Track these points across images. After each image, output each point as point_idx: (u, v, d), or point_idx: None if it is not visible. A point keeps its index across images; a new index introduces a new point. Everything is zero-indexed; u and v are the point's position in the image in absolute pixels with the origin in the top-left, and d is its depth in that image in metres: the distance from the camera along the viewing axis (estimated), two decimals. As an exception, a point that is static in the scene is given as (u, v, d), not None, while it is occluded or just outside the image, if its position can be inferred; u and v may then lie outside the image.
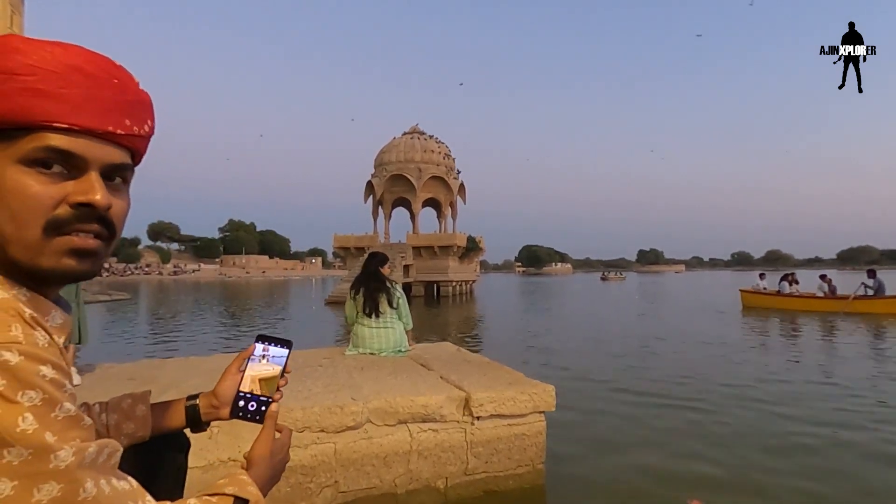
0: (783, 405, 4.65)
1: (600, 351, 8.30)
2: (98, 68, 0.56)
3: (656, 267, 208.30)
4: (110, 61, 0.59)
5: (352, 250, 33.91)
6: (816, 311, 14.17)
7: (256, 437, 0.79)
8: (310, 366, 3.45)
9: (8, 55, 0.52)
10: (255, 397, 0.81)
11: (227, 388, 0.81)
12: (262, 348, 0.83)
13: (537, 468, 2.79)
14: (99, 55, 0.58)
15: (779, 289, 16.03)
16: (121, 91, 0.57)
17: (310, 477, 2.40)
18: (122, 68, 0.60)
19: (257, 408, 0.81)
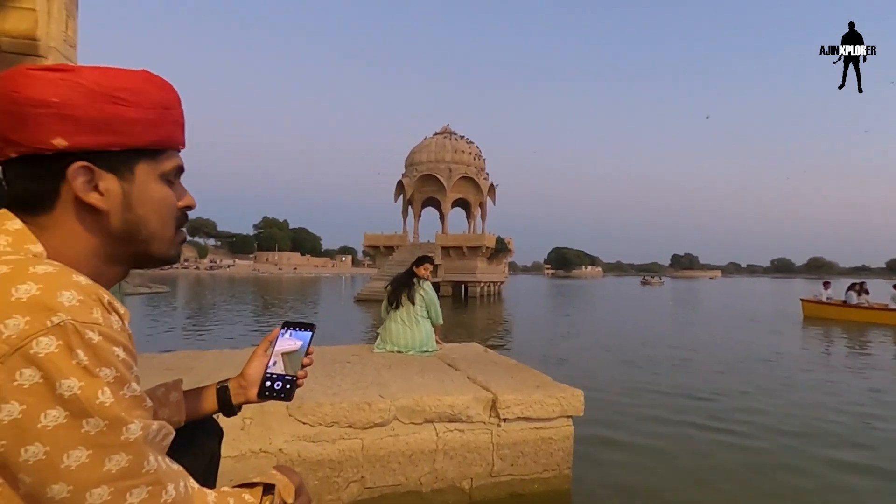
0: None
1: (637, 359, 8.10)
2: (177, 95, 0.68)
3: (690, 272, 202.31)
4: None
5: (381, 249, 34.26)
6: (890, 324, 12.69)
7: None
8: (339, 362, 3.51)
9: (165, 92, 0.63)
10: (281, 377, 0.84)
11: (255, 370, 0.85)
12: (287, 333, 0.87)
13: (564, 473, 2.75)
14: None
15: (845, 299, 14.66)
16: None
17: (337, 471, 2.44)
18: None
19: (283, 386, 0.84)
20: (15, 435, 0.43)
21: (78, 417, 0.45)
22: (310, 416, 2.45)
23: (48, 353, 0.44)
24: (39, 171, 0.56)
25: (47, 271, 0.49)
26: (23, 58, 3.76)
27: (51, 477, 0.44)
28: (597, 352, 8.78)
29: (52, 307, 0.46)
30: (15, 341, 0.44)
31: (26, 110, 0.54)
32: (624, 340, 10.41)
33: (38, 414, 0.44)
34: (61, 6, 3.86)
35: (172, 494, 0.52)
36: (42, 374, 0.44)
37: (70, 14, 3.97)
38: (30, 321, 0.45)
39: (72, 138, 0.56)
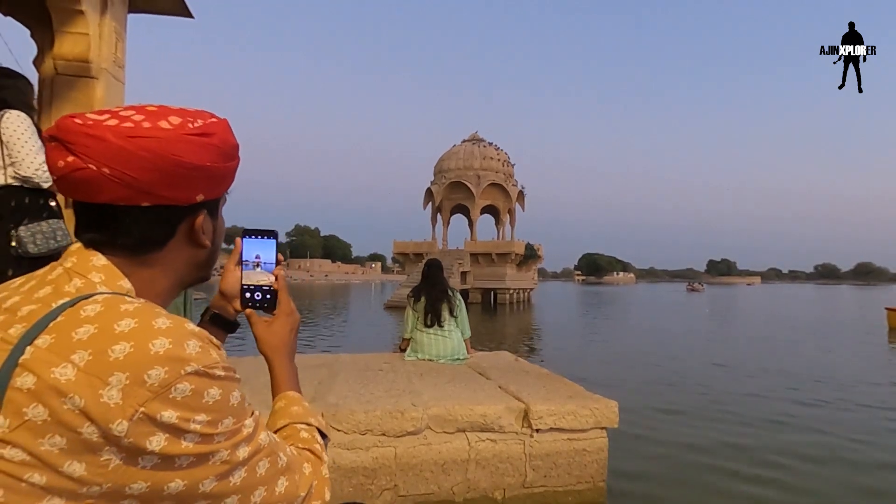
0: None
1: (680, 372, 7.89)
2: None
3: (728, 279, 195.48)
4: None
5: (410, 256, 34.51)
6: None
7: (274, 319, 0.83)
8: (371, 369, 3.55)
9: (232, 138, 0.70)
10: (258, 287, 0.84)
11: (230, 284, 0.85)
12: (251, 242, 0.85)
13: (598, 485, 2.71)
14: None
15: None
16: None
17: (371, 479, 2.47)
18: None
19: (263, 296, 0.84)
20: (165, 455, 0.52)
21: (213, 435, 0.55)
22: (344, 423, 2.49)
23: (184, 397, 0.53)
24: (169, 217, 0.64)
25: (168, 326, 0.56)
26: (76, 79, 4.01)
27: (202, 475, 0.54)
28: (635, 364, 8.59)
29: (186, 359, 0.54)
30: (157, 389, 0.51)
31: (184, 172, 0.62)
32: (670, 352, 10.16)
33: (180, 439, 0.52)
34: (111, 30, 4.09)
35: (284, 460, 0.63)
36: (179, 414, 0.52)
37: (119, 37, 4.20)
38: (168, 371, 0.52)
39: (208, 194, 0.66)
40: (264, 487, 0.60)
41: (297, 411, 0.77)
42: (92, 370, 0.50)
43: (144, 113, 0.62)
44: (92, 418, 0.49)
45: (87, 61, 3.99)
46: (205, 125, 0.64)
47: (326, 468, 0.73)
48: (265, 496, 0.60)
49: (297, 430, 0.74)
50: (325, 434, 0.78)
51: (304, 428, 0.75)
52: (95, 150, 0.58)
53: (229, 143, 0.67)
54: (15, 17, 4.27)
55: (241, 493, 0.58)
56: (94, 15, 3.99)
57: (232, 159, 0.68)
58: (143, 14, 4.85)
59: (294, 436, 0.73)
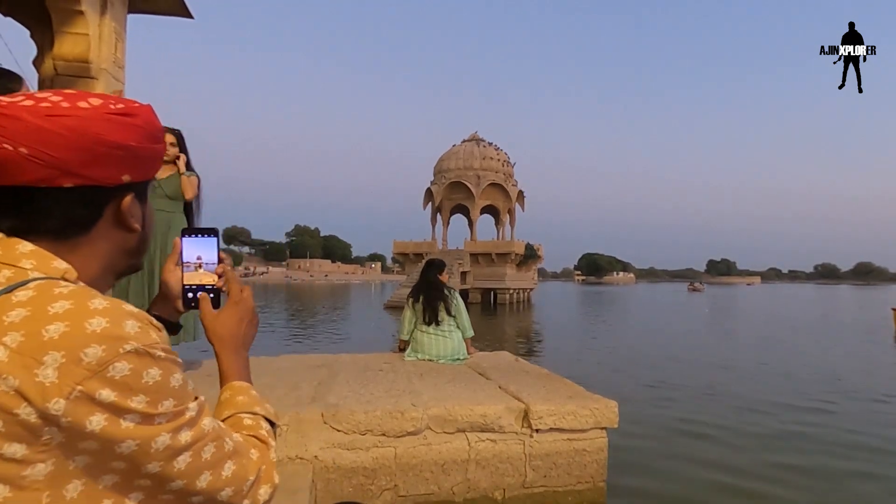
0: None
1: (680, 371, 7.91)
2: None
3: (728, 279, 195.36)
4: None
5: (410, 256, 34.51)
6: None
7: (222, 311, 0.82)
8: (371, 369, 3.55)
9: (157, 121, 0.69)
10: (201, 287, 0.83)
11: (171, 285, 0.84)
12: (191, 241, 0.83)
13: (598, 486, 2.71)
14: None
15: None
16: None
17: (371, 479, 2.47)
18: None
19: (208, 298, 0.83)
20: (107, 437, 0.52)
21: (154, 416, 0.54)
22: (344, 423, 2.49)
23: (122, 376, 0.52)
24: (93, 198, 0.62)
25: (104, 306, 0.55)
26: (76, 80, 4.01)
27: (145, 460, 0.54)
28: (635, 364, 8.59)
29: (123, 337, 0.53)
30: (95, 367, 0.51)
31: (106, 151, 0.61)
32: (670, 352, 10.16)
33: (119, 419, 0.52)
34: (111, 30, 4.09)
35: (230, 445, 0.63)
36: (117, 393, 0.52)
37: (119, 37, 4.20)
38: (106, 349, 0.52)
39: (134, 175, 0.65)
40: (210, 472, 0.60)
41: (243, 401, 0.76)
42: (25, 350, 0.49)
43: (62, 95, 0.61)
44: (28, 398, 0.48)
45: (86, 62, 3.99)
46: (127, 106, 0.64)
47: (274, 453, 0.73)
48: (211, 480, 0.60)
49: (241, 418, 0.74)
50: (273, 422, 0.78)
51: (248, 416, 0.74)
52: (11, 129, 0.56)
53: (154, 125, 0.67)
54: (15, 17, 4.27)
55: (185, 477, 0.57)
56: (94, 15, 3.99)
57: (158, 142, 0.68)
58: (142, 14, 4.85)
59: (237, 424, 0.73)
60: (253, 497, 0.65)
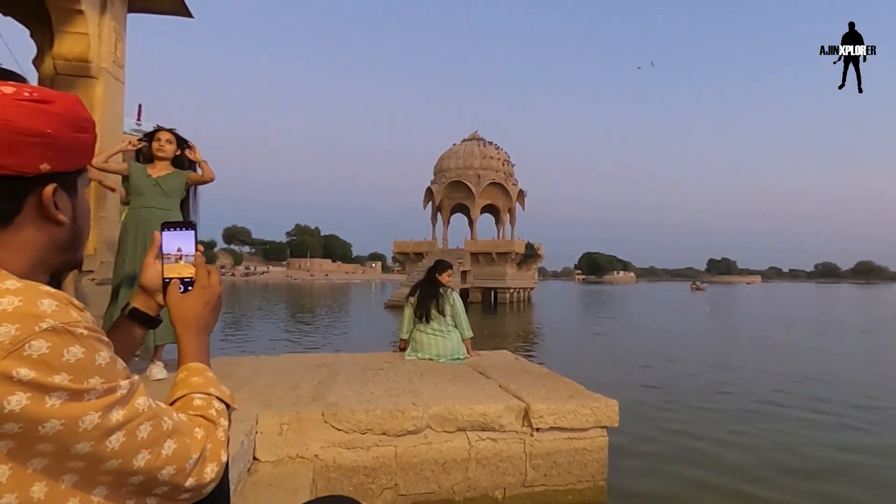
0: None
1: (684, 373, 7.91)
2: None
3: (728, 278, 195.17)
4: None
5: (410, 255, 34.49)
6: None
7: (189, 294, 0.82)
8: (371, 369, 3.55)
9: (81, 110, 0.67)
10: (181, 279, 0.84)
11: (151, 279, 0.85)
12: (170, 235, 0.85)
13: (598, 484, 2.71)
14: None
15: None
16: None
17: (371, 478, 2.47)
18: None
19: (185, 290, 0.84)
20: (30, 417, 0.50)
21: (80, 393, 0.53)
22: (344, 422, 2.49)
23: (41, 354, 0.51)
24: (9, 189, 0.61)
25: (17, 286, 0.55)
26: (76, 79, 4.01)
27: (73, 440, 0.53)
28: (636, 363, 8.59)
29: (38, 315, 0.52)
30: (8, 346, 0.50)
31: (21, 139, 0.59)
32: (672, 351, 10.16)
33: (43, 398, 0.51)
34: (111, 30, 4.08)
35: (170, 424, 0.63)
36: (36, 371, 0.51)
37: (119, 37, 4.19)
38: (20, 328, 0.51)
39: (55, 164, 0.63)
40: (148, 451, 0.59)
41: (197, 382, 0.76)
42: None
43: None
44: None
45: (86, 61, 3.99)
46: (44, 93, 0.62)
47: (223, 431, 0.72)
48: (150, 459, 0.59)
49: (192, 398, 0.74)
50: (228, 404, 0.77)
51: (200, 396, 0.74)
52: None
53: (76, 113, 0.65)
54: (14, 17, 4.26)
55: (120, 457, 0.57)
56: (94, 15, 3.98)
57: (82, 131, 0.66)
58: (142, 14, 4.85)
59: (188, 405, 0.73)
60: (198, 475, 0.65)
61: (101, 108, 4.13)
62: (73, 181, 0.69)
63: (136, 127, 27.17)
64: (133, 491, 0.60)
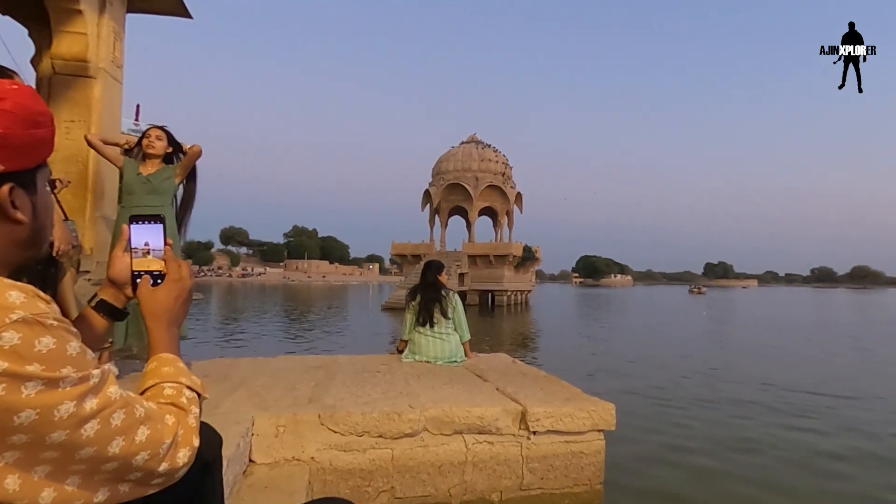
0: None
1: (674, 371, 7.92)
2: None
3: (724, 281, 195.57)
4: None
5: (408, 257, 34.48)
6: None
7: (160, 287, 0.83)
8: (368, 371, 3.55)
9: (36, 104, 0.65)
10: (150, 273, 0.84)
11: (120, 272, 0.85)
12: (138, 228, 0.85)
13: (595, 488, 2.70)
14: None
15: None
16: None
17: (367, 481, 2.47)
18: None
19: (154, 281, 0.84)
20: (5, 407, 0.50)
21: (54, 382, 0.54)
22: (341, 424, 2.49)
23: (12, 345, 0.51)
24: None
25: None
26: (74, 79, 4.00)
27: (47, 429, 0.53)
28: (633, 366, 8.60)
29: (8, 306, 0.53)
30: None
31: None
32: (669, 355, 10.17)
33: (18, 387, 0.51)
34: (110, 30, 4.08)
35: (142, 411, 0.64)
36: (9, 362, 0.51)
37: (118, 36, 4.19)
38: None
39: (8, 164, 0.62)
40: (122, 437, 0.60)
41: (168, 371, 0.77)
42: None
43: None
44: None
45: (85, 61, 3.98)
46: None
47: (194, 418, 0.73)
48: (124, 446, 0.60)
49: (162, 387, 0.75)
50: (199, 393, 0.78)
51: (170, 385, 0.75)
52: None
53: (30, 108, 0.63)
54: (12, 16, 4.26)
55: (95, 444, 0.57)
56: (93, 15, 3.98)
57: (36, 126, 0.64)
58: (141, 14, 4.84)
59: (158, 394, 0.73)
60: (171, 460, 0.66)
61: (99, 108, 4.12)
62: (32, 178, 0.67)
63: (133, 127, 27.09)
64: (106, 478, 0.61)
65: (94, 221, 4.14)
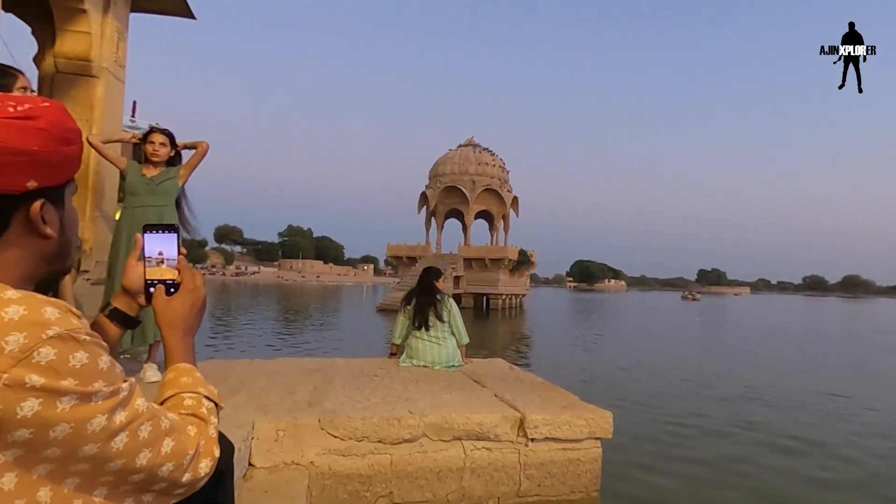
0: None
1: (670, 379, 7.96)
2: None
3: (717, 288, 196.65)
4: None
5: (404, 259, 34.47)
6: None
7: (174, 296, 0.84)
8: (366, 375, 3.55)
9: (68, 121, 0.67)
10: (163, 282, 0.85)
11: (134, 281, 0.85)
12: (152, 237, 0.85)
13: (591, 495, 2.73)
14: None
15: None
16: None
17: (366, 486, 2.48)
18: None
19: (167, 290, 0.85)
20: (41, 422, 0.52)
21: (87, 396, 0.55)
22: (341, 429, 2.50)
23: (49, 360, 0.53)
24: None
25: (18, 296, 0.56)
26: (77, 78, 4.00)
27: (80, 442, 0.55)
28: (629, 373, 8.64)
29: (44, 323, 0.54)
30: (18, 354, 0.51)
31: (7, 159, 0.59)
32: (665, 362, 10.22)
33: (54, 402, 0.53)
34: (113, 29, 4.08)
35: (167, 423, 0.66)
36: (46, 377, 0.52)
37: (121, 36, 4.19)
38: (28, 336, 0.52)
39: (42, 180, 0.63)
40: (149, 449, 0.61)
41: (186, 382, 0.78)
42: None
43: None
44: None
45: (88, 60, 3.98)
46: (29, 108, 0.62)
47: (213, 428, 0.74)
48: (150, 457, 0.61)
49: (182, 398, 0.76)
50: (217, 403, 0.80)
51: (190, 396, 0.76)
52: None
53: (62, 126, 0.65)
54: (16, 13, 4.25)
55: (124, 457, 0.59)
56: (97, 14, 3.98)
57: (68, 144, 0.66)
58: (144, 14, 4.84)
59: (178, 404, 0.75)
60: (194, 470, 0.68)
61: (102, 107, 4.12)
62: (61, 193, 0.69)
63: (130, 123, 26.86)
64: (132, 489, 0.62)
65: (94, 220, 4.13)
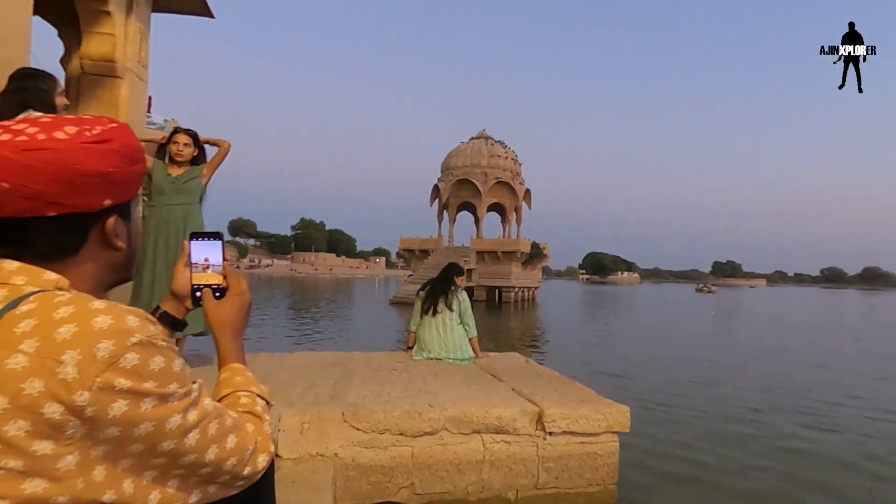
0: None
1: (685, 372, 7.94)
2: None
3: (732, 280, 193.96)
4: None
5: (416, 252, 34.58)
6: None
7: (223, 300, 0.89)
8: (385, 369, 3.63)
9: (134, 141, 0.72)
10: (209, 286, 0.90)
11: (181, 285, 0.91)
12: (199, 244, 0.90)
13: (608, 489, 2.77)
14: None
15: None
16: None
17: (388, 477, 2.55)
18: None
19: (213, 296, 0.90)
20: (128, 421, 0.58)
21: (165, 397, 0.61)
22: (363, 422, 2.57)
23: (133, 365, 0.58)
24: (77, 225, 0.67)
25: (104, 306, 0.61)
26: (102, 79, 4.10)
27: (160, 439, 0.61)
28: (645, 367, 8.63)
29: (129, 330, 0.59)
30: (108, 360, 0.57)
31: (86, 180, 0.64)
32: (681, 356, 10.19)
33: (139, 403, 0.58)
34: (136, 30, 4.17)
35: (230, 421, 0.71)
36: (131, 381, 0.58)
37: (143, 37, 4.28)
38: (115, 343, 0.57)
39: (115, 198, 0.69)
40: (216, 445, 0.67)
41: (240, 381, 0.84)
42: (43, 353, 0.54)
43: (38, 125, 0.63)
44: (54, 397, 0.53)
45: (112, 61, 4.07)
46: (103, 132, 0.66)
47: (267, 425, 0.80)
48: (217, 452, 0.67)
49: (238, 396, 0.81)
50: (268, 401, 0.85)
51: (245, 394, 0.82)
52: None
53: (131, 146, 0.70)
54: (42, 16, 4.35)
55: (196, 452, 0.64)
56: (120, 16, 4.07)
57: (136, 163, 0.71)
58: (163, 14, 4.92)
59: (235, 402, 0.80)
60: (253, 464, 0.73)
61: (126, 107, 4.22)
62: (128, 207, 0.74)
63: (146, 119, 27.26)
64: (199, 481, 0.68)
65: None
